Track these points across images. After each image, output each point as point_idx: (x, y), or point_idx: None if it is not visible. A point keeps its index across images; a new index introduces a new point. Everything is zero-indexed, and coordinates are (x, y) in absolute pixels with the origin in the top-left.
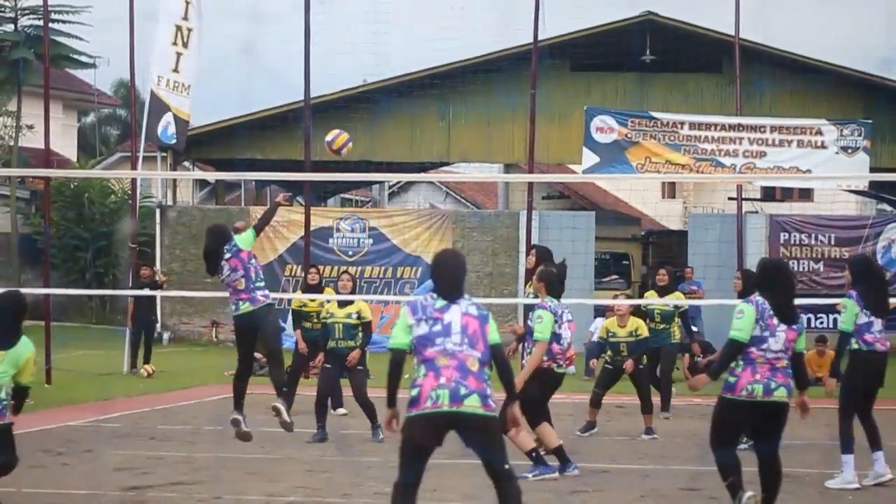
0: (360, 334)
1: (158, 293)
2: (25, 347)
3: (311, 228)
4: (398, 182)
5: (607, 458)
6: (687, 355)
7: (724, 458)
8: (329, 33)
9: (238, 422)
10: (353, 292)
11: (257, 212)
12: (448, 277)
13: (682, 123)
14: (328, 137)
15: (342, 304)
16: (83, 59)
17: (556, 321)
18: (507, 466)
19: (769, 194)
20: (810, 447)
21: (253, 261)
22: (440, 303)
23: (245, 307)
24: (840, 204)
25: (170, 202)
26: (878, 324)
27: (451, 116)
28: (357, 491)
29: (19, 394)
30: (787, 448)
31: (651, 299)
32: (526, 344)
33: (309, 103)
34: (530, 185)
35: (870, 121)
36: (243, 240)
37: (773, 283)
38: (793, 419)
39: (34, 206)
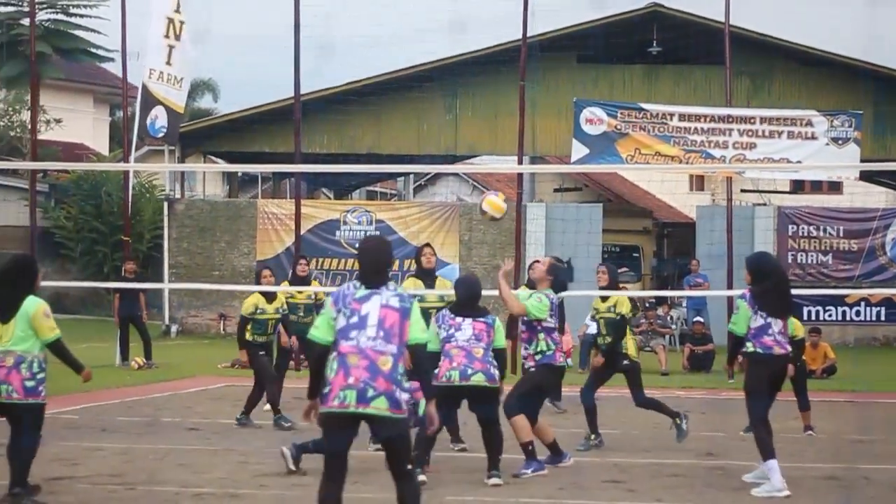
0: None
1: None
2: (29, 305)
3: (319, 221)
4: (427, 174)
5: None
6: (688, 346)
7: (428, 437)
8: (339, 24)
9: None
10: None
11: (265, 206)
12: (369, 263)
13: (672, 115)
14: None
15: (270, 300)
16: (101, 52)
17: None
18: (408, 467)
19: (799, 187)
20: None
21: None
22: (361, 292)
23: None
24: (871, 196)
25: (178, 195)
26: (776, 325)
27: (458, 109)
28: (275, 482)
29: (58, 354)
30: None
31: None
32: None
33: (299, 97)
34: (519, 177)
35: (860, 112)
36: None
37: (457, 292)
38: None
39: (53, 200)
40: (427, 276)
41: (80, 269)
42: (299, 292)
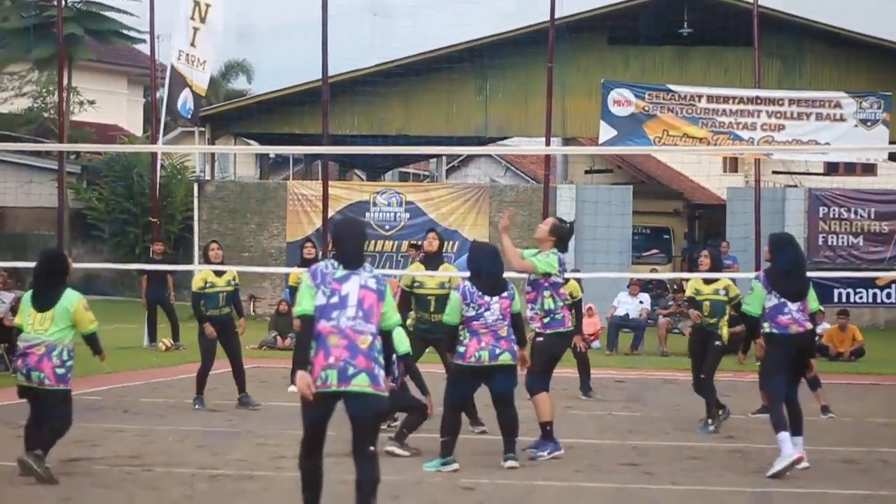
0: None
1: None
2: (69, 299)
3: (349, 202)
4: (460, 156)
5: (573, 434)
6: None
7: (452, 419)
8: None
9: None
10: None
11: (295, 187)
12: (348, 245)
13: (700, 96)
14: None
15: (219, 273)
16: (133, 34)
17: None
18: (371, 449)
19: (832, 168)
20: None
21: None
22: (340, 272)
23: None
24: None
25: (209, 177)
26: (793, 304)
27: (489, 90)
28: (291, 464)
29: (90, 341)
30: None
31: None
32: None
33: (326, 78)
34: (547, 158)
35: (889, 93)
36: None
37: (478, 267)
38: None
39: (85, 181)
40: (430, 261)
41: (111, 250)
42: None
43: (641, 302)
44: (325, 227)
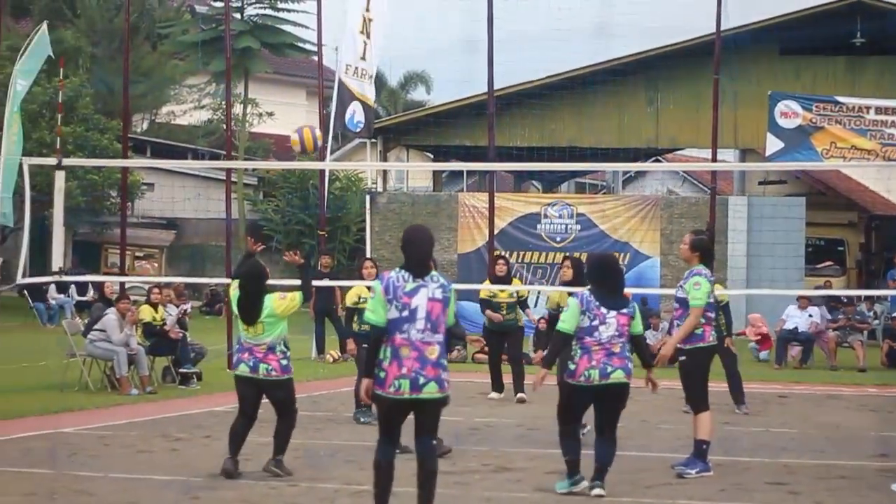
0: None
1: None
2: (267, 307)
3: (520, 215)
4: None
5: (724, 451)
6: (886, 342)
7: (567, 438)
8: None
9: None
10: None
11: (466, 199)
12: (417, 255)
13: (868, 108)
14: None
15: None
16: (307, 46)
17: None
18: (434, 442)
19: None
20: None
21: None
22: (410, 285)
23: None
24: None
25: (381, 189)
26: None
27: (660, 102)
28: (439, 480)
29: (307, 298)
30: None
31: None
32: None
33: (492, 92)
34: (713, 173)
35: None
36: None
37: (599, 276)
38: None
39: (262, 193)
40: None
41: (287, 262)
42: (501, 291)
43: (811, 315)
44: (491, 240)
